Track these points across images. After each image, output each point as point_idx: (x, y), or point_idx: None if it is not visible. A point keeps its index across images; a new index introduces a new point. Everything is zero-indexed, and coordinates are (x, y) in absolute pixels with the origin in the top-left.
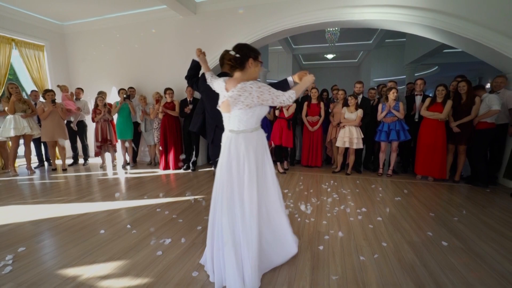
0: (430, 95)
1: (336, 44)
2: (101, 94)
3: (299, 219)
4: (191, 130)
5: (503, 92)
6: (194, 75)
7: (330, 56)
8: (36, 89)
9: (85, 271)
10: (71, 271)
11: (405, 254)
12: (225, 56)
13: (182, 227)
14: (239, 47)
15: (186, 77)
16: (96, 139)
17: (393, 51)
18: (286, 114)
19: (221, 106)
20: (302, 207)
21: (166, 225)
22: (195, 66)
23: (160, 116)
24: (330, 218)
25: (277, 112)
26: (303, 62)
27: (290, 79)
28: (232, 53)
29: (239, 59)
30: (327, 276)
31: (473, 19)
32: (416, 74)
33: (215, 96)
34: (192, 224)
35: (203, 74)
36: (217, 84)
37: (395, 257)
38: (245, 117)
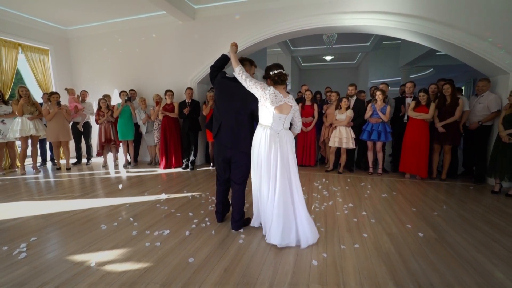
0: None
1: (334, 46)
2: (105, 97)
3: None
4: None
5: (487, 95)
6: (220, 68)
7: (328, 58)
8: (47, 92)
9: (92, 257)
10: (79, 257)
11: (383, 244)
12: (280, 73)
13: (180, 220)
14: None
15: (212, 67)
16: (100, 140)
17: (390, 53)
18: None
19: (278, 108)
20: None
21: (165, 218)
22: (223, 60)
23: (160, 117)
24: (318, 212)
25: None
26: (302, 64)
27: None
28: (286, 73)
29: (287, 78)
30: (309, 262)
31: (456, 25)
32: (411, 76)
33: (228, 93)
34: (189, 217)
35: (223, 73)
36: (260, 87)
37: (374, 246)
38: (288, 121)
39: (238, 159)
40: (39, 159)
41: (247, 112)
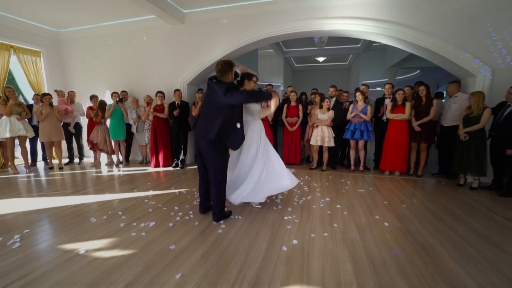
0: None
1: (325, 47)
2: (94, 98)
3: (271, 208)
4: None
5: (460, 96)
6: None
7: (321, 59)
8: (38, 93)
9: (82, 246)
10: (69, 246)
11: (350, 232)
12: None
13: (165, 213)
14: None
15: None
16: (89, 140)
17: (379, 55)
18: (269, 118)
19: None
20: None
21: (152, 212)
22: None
23: (151, 117)
24: (296, 206)
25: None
26: (295, 65)
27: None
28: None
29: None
30: (279, 248)
31: (427, 31)
32: (398, 78)
33: (209, 90)
34: (174, 211)
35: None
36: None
37: (341, 235)
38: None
39: (208, 156)
40: (29, 160)
41: (225, 106)
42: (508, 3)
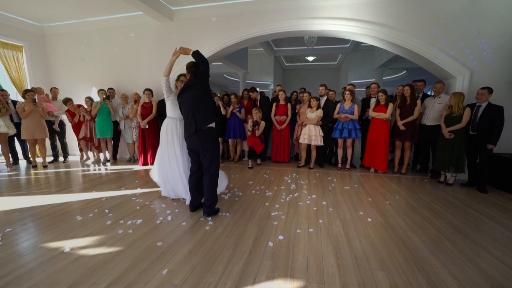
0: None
1: (315, 47)
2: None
3: (257, 204)
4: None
5: (444, 97)
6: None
7: (311, 58)
8: (5, 89)
9: (67, 244)
10: (54, 244)
11: (335, 228)
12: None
13: (153, 211)
14: None
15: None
16: (79, 136)
17: (367, 55)
18: (257, 133)
19: None
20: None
21: (139, 210)
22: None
23: (139, 119)
24: (283, 203)
25: (248, 133)
26: (285, 64)
27: None
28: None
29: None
30: (265, 243)
31: (411, 32)
32: (384, 78)
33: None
34: (162, 208)
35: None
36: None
37: (326, 230)
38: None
39: (203, 149)
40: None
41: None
42: (489, 13)
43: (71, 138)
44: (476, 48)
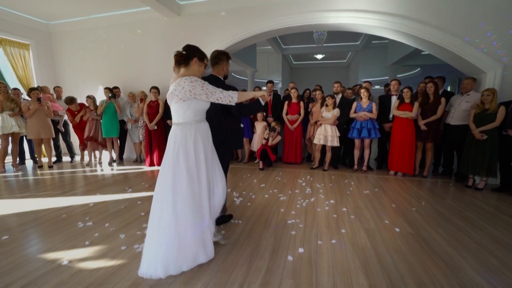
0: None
1: (324, 44)
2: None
3: (271, 209)
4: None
5: (473, 95)
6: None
7: (319, 56)
8: (18, 88)
9: (65, 255)
10: (51, 255)
11: (360, 239)
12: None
13: None
14: (188, 47)
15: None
16: (82, 136)
17: (379, 52)
18: (270, 143)
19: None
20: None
21: (145, 216)
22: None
23: (146, 119)
24: (299, 209)
25: (263, 141)
26: (294, 62)
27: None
28: (180, 50)
29: (185, 56)
30: (284, 258)
31: (437, 24)
32: (398, 76)
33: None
34: None
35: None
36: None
37: (350, 242)
38: (181, 110)
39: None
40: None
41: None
42: None
43: (74, 139)
44: (508, 41)
